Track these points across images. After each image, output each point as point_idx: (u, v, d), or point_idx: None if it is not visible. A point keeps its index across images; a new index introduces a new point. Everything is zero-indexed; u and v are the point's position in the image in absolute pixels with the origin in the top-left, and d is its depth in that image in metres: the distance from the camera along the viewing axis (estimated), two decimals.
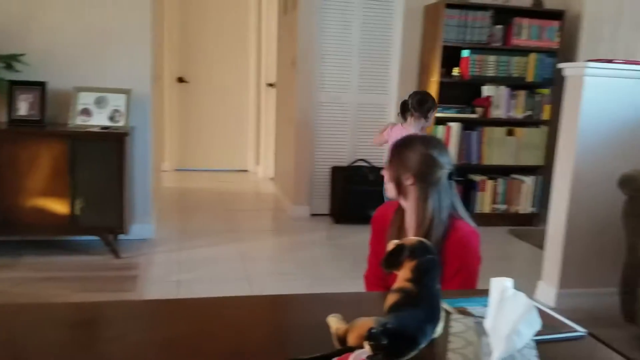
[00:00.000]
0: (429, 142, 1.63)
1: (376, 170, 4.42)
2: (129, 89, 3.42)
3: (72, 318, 1.19)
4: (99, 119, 3.36)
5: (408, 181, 1.62)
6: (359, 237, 4.01)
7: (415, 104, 3.31)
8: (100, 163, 3.23)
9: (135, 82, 3.53)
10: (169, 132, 6.44)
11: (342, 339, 1.00)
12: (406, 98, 3.40)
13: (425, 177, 1.59)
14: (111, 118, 3.37)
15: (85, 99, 3.37)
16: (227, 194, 5.45)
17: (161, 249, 3.60)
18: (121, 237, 3.59)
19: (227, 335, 1.11)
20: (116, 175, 3.24)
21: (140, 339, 1.10)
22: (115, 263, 3.28)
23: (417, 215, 1.62)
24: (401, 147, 1.66)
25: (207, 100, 6.50)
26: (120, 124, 3.37)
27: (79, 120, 3.34)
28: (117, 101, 3.39)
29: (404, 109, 3.39)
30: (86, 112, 3.36)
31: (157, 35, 4.38)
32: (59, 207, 3.21)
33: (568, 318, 1.23)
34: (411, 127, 3.32)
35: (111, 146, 3.22)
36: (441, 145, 1.64)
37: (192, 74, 6.44)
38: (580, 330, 1.18)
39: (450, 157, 1.65)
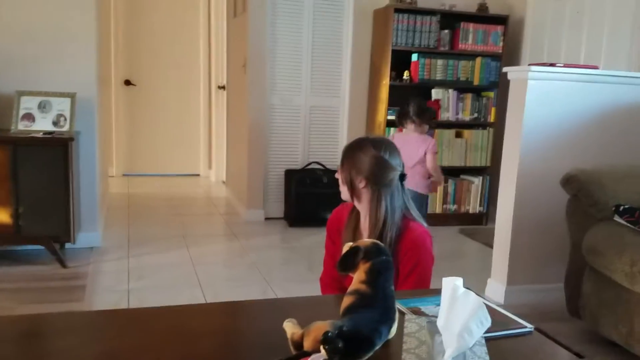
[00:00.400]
0: (379, 145, 1.64)
1: (330, 172, 4.44)
2: (74, 92, 3.31)
3: (17, 331, 1.14)
4: (42, 124, 3.24)
5: (361, 184, 1.63)
6: (314, 240, 4.03)
7: (416, 113, 3.43)
8: (44, 170, 3.11)
9: (80, 86, 3.42)
10: (116, 137, 6.27)
11: (298, 344, 0.99)
12: (404, 107, 3.53)
13: (378, 179, 1.61)
14: (55, 123, 3.26)
15: (28, 104, 3.24)
16: (178, 198, 5.35)
17: (109, 257, 3.50)
18: (67, 245, 3.48)
19: (179, 345, 1.09)
20: (61, 182, 3.13)
21: (89, 352, 1.06)
22: (61, 273, 3.17)
23: (370, 217, 1.64)
24: (353, 150, 1.67)
25: (156, 103, 6.36)
26: (65, 129, 3.26)
27: (22, 126, 3.21)
28: (62, 105, 3.27)
29: (403, 117, 3.50)
30: (29, 117, 3.23)
31: (102, 37, 4.26)
32: (1, 216, 3.07)
33: (516, 314, 1.27)
34: (414, 133, 3.44)
35: (55, 152, 3.11)
36: (392, 147, 1.66)
37: (139, 76, 6.30)
38: (528, 326, 1.21)
39: (401, 158, 1.67)
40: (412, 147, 3.33)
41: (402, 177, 1.65)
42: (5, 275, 3.08)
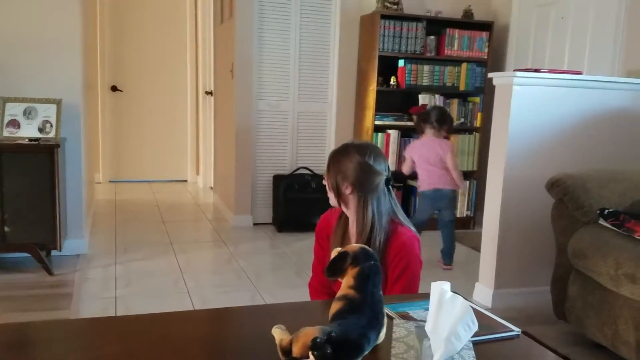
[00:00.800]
0: (364, 150, 1.64)
1: (318, 177, 4.44)
2: (60, 98, 3.29)
3: (1, 340, 1.13)
4: (27, 131, 3.21)
5: (347, 190, 1.64)
6: (302, 245, 4.03)
7: (438, 121, 3.67)
8: (30, 176, 3.08)
9: (66, 92, 3.40)
10: (103, 143, 6.23)
11: (287, 350, 0.99)
12: (425, 112, 3.79)
13: (364, 185, 1.62)
14: (41, 129, 3.23)
15: (13, 110, 3.21)
16: (165, 205, 5.32)
17: (96, 264, 3.47)
18: (54, 253, 3.44)
19: (168, 352, 1.08)
20: (47, 188, 3.10)
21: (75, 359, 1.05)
22: (48, 280, 3.13)
23: (357, 223, 1.65)
24: (337, 156, 1.67)
25: (143, 109, 6.34)
26: (51, 135, 3.23)
27: (6, 132, 3.18)
28: (47, 112, 3.25)
29: (424, 122, 3.72)
30: (14, 123, 3.20)
31: (88, 43, 4.24)
32: None
33: (503, 317, 1.28)
34: (432, 139, 3.69)
35: (41, 159, 3.08)
36: (377, 152, 1.66)
37: (126, 82, 6.27)
38: (515, 330, 1.22)
39: (386, 163, 1.67)
40: (433, 150, 3.66)
41: (388, 181, 1.65)
42: None
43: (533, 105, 2.95)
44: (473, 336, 1.04)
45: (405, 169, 3.87)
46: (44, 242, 3.17)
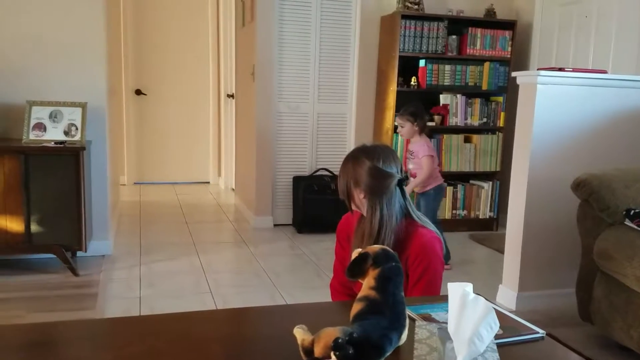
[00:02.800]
0: (373, 154, 1.63)
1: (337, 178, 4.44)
2: (85, 102, 3.34)
3: (28, 340, 1.15)
4: (53, 134, 3.27)
5: (360, 195, 1.64)
6: (322, 246, 4.03)
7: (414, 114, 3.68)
8: (56, 179, 3.14)
9: (91, 95, 3.46)
10: (127, 145, 6.32)
11: (309, 350, 1.00)
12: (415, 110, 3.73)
13: (375, 189, 1.61)
14: (67, 132, 3.29)
15: (39, 113, 3.27)
16: (188, 206, 5.38)
17: (120, 264, 3.52)
18: (79, 254, 3.50)
19: (190, 351, 1.09)
20: (73, 190, 3.16)
21: (100, 359, 1.07)
22: (73, 281, 3.19)
23: (366, 225, 1.64)
24: (347, 163, 1.67)
25: (166, 112, 6.42)
26: (76, 138, 3.28)
27: (33, 135, 3.25)
28: (73, 115, 3.30)
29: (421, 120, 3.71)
30: (40, 126, 3.27)
31: (113, 47, 4.30)
32: (13, 225, 3.10)
33: (527, 320, 1.27)
34: (416, 139, 3.71)
35: (67, 161, 3.14)
36: (386, 154, 1.65)
37: (150, 86, 6.35)
38: (540, 332, 1.21)
39: (397, 163, 1.66)
40: (416, 151, 3.68)
41: (401, 182, 1.64)
42: (16, 284, 3.11)
43: (557, 104, 2.91)
44: (497, 338, 1.03)
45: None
46: (70, 243, 3.23)
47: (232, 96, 5.87)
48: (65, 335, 1.19)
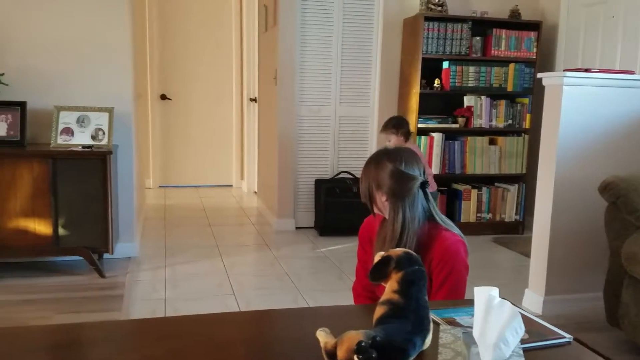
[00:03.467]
0: (395, 156, 1.62)
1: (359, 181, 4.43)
2: (111, 107, 3.40)
3: (53, 341, 1.17)
4: (81, 138, 3.33)
5: (382, 198, 1.63)
6: (344, 249, 4.03)
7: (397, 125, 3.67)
8: (83, 182, 3.19)
9: (117, 101, 3.52)
10: (153, 149, 6.41)
11: (331, 353, 0.99)
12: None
13: (397, 192, 1.60)
14: (94, 137, 3.35)
15: (67, 118, 3.34)
16: (211, 209, 5.42)
17: (146, 267, 3.56)
18: (105, 256, 3.56)
19: (214, 353, 1.10)
20: (100, 194, 3.21)
21: None
22: (100, 283, 3.24)
23: (388, 228, 1.63)
24: (369, 166, 1.66)
25: (190, 116, 6.49)
26: (103, 142, 3.34)
27: (61, 140, 3.31)
28: (100, 120, 3.36)
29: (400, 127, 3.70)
30: (68, 131, 3.33)
31: (139, 53, 4.37)
32: (41, 227, 3.17)
33: (554, 324, 1.24)
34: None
35: (94, 165, 3.19)
36: (408, 156, 1.63)
37: (174, 91, 6.43)
38: (566, 336, 1.19)
39: (420, 166, 1.64)
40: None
41: (423, 184, 1.63)
42: (44, 285, 3.17)
43: (584, 106, 2.86)
44: (523, 343, 1.01)
45: None
46: (96, 245, 3.28)
47: (254, 100, 5.91)
48: (92, 336, 1.21)
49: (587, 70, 2.90)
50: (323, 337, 1.04)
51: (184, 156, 6.53)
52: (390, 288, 1.09)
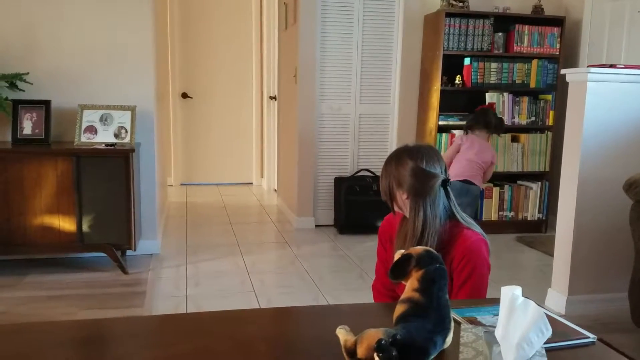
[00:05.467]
0: (417, 154, 1.60)
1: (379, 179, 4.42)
2: (134, 105, 3.44)
3: (78, 336, 1.19)
4: (104, 136, 3.38)
5: (403, 196, 1.62)
6: (364, 248, 4.02)
7: (495, 126, 3.95)
8: (107, 180, 3.24)
9: (140, 99, 3.56)
10: (175, 147, 6.48)
11: (351, 351, 0.99)
12: (480, 116, 3.96)
13: (418, 190, 1.59)
14: (117, 135, 3.39)
15: (90, 117, 3.39)
16: (232, 207, 5.46)
17: (168, 263, 3.60)
18: (128, 253, 3.61)
19: (236, 349, 1.11)
20: (122, 191, 3.25)
21: (148, 356, 1.10)
22: (123, 279, 3.28)
23: (409, 226, 1.62)
24: (390, 163, 1.65)
25: (211, 114, 6.54)
26: (126, 140, 3.38)
27: (84, 138, 3.36)
28: (122, 118, 3.41)
29: (481, 125, 3.92)
30: (91, 129, 3.38)
31: (161, 53, 4.42)
32: (66, 224, 3.22)
33: (578, 324, 1.23)
34: (483, 140, 3.91)
35: (117, 163, 3.24)
36: (430, 154, 1.61)
37: (195, 89, 6.49)
38: (591, 337, 1.17)
39: (442, 163, 1.62)
40: (484, 151, 3.85)
41: (445, 182, 1.61)
42: (69, 281, 3.22)
43: (609, 102, 2.81)
44: (546, 343, 1.00)
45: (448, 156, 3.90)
46: (120, 242, 3.32)
47: (274, 98, 5.93)
48: (115, 332, 1.23)
49: (612, 66, 2.84)
50: (343, 334, 1.03)
51: (204, 154, 6.59)
52: (410, 286, 1.08)
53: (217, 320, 1.30)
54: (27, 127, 3.34)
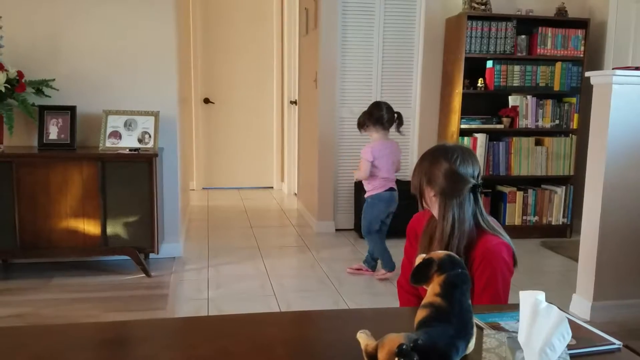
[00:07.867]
0: (452, 154, 1.59)
1: (400, 183, 4.39)
2: (157, 111, 3.49)
3: (101, 338, 1.20)
4: (128, 141, 3.43)
5: (430, 193, 1.61)
6: None
7: (390, 121, 3.59)
8: (131, 184, 3.29)
9: (163, 105, 3.61)
10: (197, 152, 6.54)
11: (372, 356, 0.99)
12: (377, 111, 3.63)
13: (448, 191, 1.58)
14: (140, 140, 3.44)
15: (115, 122, 3.44)
16: (253, 211, 5.49)
17: (190, 267, 3.63)
18: (151, 256, 3.65)
19: (256, 352, 1.11)
20: (146, 195, 3.29)
21: (170, 357, 1.11)
22: (146, 282, 3.32)
23: (438, 228, 1.61)
24: (425, 160, 1.64)
25: (232, 120, 6.59)
26: (150, 145, 3.43)
27: (109, 143, 3.42)
28: (146, 123, 3.45)
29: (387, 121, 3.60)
30: (116, 134, 3.44)
31: (183, 59, 4.47)
32: (91, 228, 3.27)
33: (603, 330, 1.20)
34: (389, 139, 3.65)
35: (141, 167, 3.28)
36: (465, 156, 1.60)
37: (217, 94, 6.55)
38: (616, 343, 1.15)
39: (476, 166, 1.61)
40: (395, 150, 3.67)
41: (475, 188, 1.59)
42: (93, 284, 3.27)
43: (634, 105, 2.76)
44: (571, 349, 0.99)
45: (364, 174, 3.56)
46: (143, 245, 3.36)
47: (295, 103, 5.95)
48: (138, 334, 1.24)
49: (637, 69, 2.80)
50: (364, 339, 1.03)
51: (226, 159, 6.64)
52: (432, 291, 1.07)
53: (238, 323, 1.30)
54: (53, 132, 3.41)
